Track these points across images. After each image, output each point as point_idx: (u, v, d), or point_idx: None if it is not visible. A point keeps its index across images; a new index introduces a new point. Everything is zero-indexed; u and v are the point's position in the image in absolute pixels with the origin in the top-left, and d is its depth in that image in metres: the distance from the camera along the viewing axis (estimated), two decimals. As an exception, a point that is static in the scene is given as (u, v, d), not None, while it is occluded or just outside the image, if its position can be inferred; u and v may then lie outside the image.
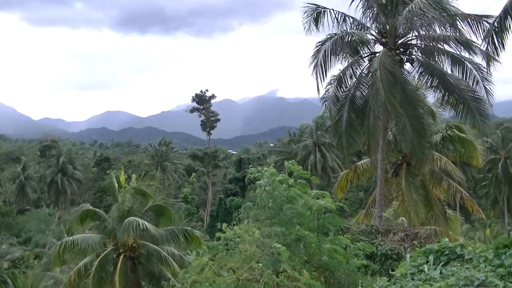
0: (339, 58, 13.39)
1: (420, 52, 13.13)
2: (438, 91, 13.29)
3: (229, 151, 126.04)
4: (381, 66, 12.02)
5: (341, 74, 13.36)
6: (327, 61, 13.30)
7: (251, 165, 9.73)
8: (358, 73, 13.11)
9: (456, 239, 13.08)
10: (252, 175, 7.63)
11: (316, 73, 13.15)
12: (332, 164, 38.28)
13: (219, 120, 57.96)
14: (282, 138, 55.02)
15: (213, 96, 57.57)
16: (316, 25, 12.83)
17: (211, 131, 58.34)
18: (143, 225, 12.24)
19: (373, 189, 18.56)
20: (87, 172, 58.07)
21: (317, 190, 8.45)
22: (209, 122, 56.75)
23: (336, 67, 13.56)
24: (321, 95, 13.64)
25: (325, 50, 13.12)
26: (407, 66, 13.37)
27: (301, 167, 7.92)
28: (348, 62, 13.64)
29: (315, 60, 13.22)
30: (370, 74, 12.52)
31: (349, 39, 12.96)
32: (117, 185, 13.98)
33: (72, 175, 52.18)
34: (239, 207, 7.74)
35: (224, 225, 7.05)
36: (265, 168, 7.55)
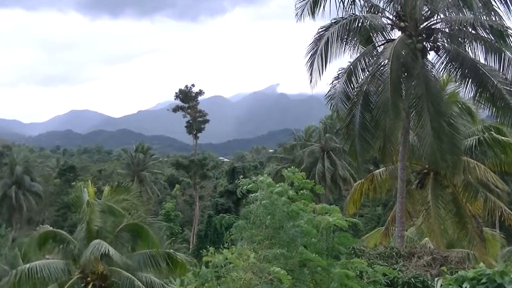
0: (345, 48, 13.51)
1: (447, 39, 13.21)
2: (470, 85, 13.40)
3: (220, 158, 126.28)
4: (393, 58, 12.14)
5: (351, 66, 13.47)
6: (329, 50, 13.44)
7: (244, 176, 9.74)
8: (372, 65, 13.19)
9: (495, 264, 13.10)
10: (245, 187, 7.64)
11: (314, 63, 13.26)
12: (343, 173, 38.35)
13: (208, 121, 57.91)
14: (284, 142, 55.10)
15: (200, 93, 57.58)
16: (313, 10, 12.88)
17: (199, 135, 58.27)
18: (106, 249, 12.15)
19: (393, 204, 18.61)
20: (47, 185, 57.70)
21: (326, 204, 8.47)
22: (196, 123, 56.68)
23: (341, 59, 13.73)
24: (320, 91, 13.77)
25: (328, 38, 13.23)
26: (431, 56, 13.48)
27: (303, 174, 7.95)
28: (358, 51, 13.75)
29: (315, 48, 13.31)
30: (380, 66, 12.62)
31: (359, 24, 13.07)
32: (84, 199, 13.94)
33: (29, 188, 51.71)
34: (231, 226, 7.75)
35: (212, 249, 7.03)
36: (260, 178, 7.55)
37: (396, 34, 13.57)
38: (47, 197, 55.82)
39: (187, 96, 56.06)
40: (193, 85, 56.64)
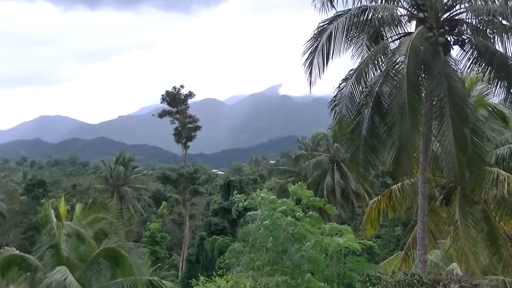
0: (352, 44, 13.53)
1: (473, 31, 13.23)
2: (500, 85, 13.41)
3: (214, 170, 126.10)
4: (411, 54, 12.15)
5: (361, 66, 13.45)
6: (332, 47, 13.39)
7: (241, 191, 9.70)
8: (386, 64, 13.21)
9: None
10: (241, 205, 7.61)
11: (313, 62, 13.26)
12: (356, 188, 38.22)
13: (199, 127, 57.90)
14: (287, 152, 55.17)
15: (191, 95, 57.63)
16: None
17: (189, 143, 58.15)
18: (64, 278, 12.01)
19: (414, 223, 18.54)
20: (12, 202, 57.48)
21: (336, 223, 8.44)
22: (186, 130, 56.63)
23: (345, 57, 13.74)
24: (330, 92, 13.76)
25: (331, 32, 13.23)
26: (455, 51, 13.51)
27: (311, 192, 7.92)
28: (365, 48, 13.75)
29: (315, 44, 13.34)
30: (395, 64, 12.64)
31: (369, 17, 13.08)
32: (55, 219, 13.84)
33: (-9, 207, 51.60)
34: (226, 249, 7.68)
35: (202, 279, 6.97)
36: (262, 195, 7.52)
37: (414, 26, 13.60)
38: (12, 217, 55.58)
39: (175, 99, 56.11)
40: (182, 86, 56.81)
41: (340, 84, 13.93)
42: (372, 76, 13.58)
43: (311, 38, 13.49)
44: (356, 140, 13.62)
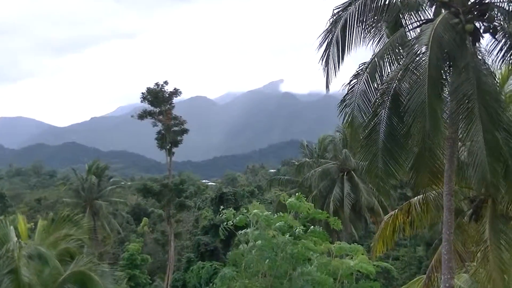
0: (368, 33, 13.52)
1: (506, 16, 13.22)
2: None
3: (204, 181, 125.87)
4: (433, 44, 12.11)
5: (375, 59, 13.36)
6: (347, 38, 13.25)
7: (236, 205, 9.66)
8: (405, 55, 13.18)
9: None
10: (231, 222, 7.60)
11: (328, 57, 13.21)
12: (369, 201, 38.21)
13: (186, 131, 57.79)
14: (290, 159, 55.21)
15: (176, 92, 57.56)
16: None
17: (174, 149, 58.09)
18: None
19: (439, 243, 18.51)
20: (-34, 219, 57.25)
21: (346, 242, 8.40)
22: (170, 134, 56.54)
23: (360, 50, 13.72)
24: (339, 89, 13.73)
25: (346, 20, 13.20)
26: (485, 40, 13.46)
27: (311, 205, 7.91)
28: (383, 38, 13.75)
29: (330, 36, 13.34)
30: (415, 56, 12.62)
31: (387, 1, 13.05)
32: (14, 239, 13.75)
33: None
34: (216, 275, 7.62)
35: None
36: (254, 210, 7.51)
37: (437, 12, 13.57)
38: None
39: (158, 98, 56.08)
40: (166, 83, 56.77)
41: (350, 81, 13.86)
42: (389, 70, 13.53)
43: (326, 28, 13.48)
44: (373, 146, 13.49)
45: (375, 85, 13.54)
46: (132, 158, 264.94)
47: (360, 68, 13.67)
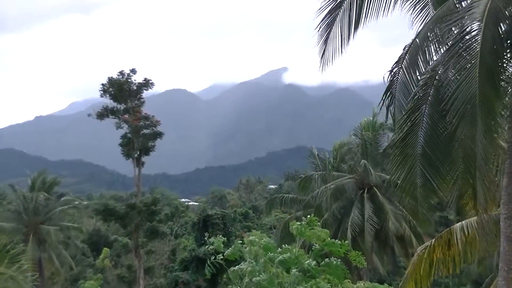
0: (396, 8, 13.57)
1: None
2: None
3: (183, 200, 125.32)
4: (488, 20, 12.03)
5: (416, 40, 13.53)
6: (365, 8, 13.45)
7: (225, 231, 9.56)
8: (452, 35, 13.14)
9: None
10: (221, 257, 7.54)
11: (332, 24, 13.21)
12: (398, 226, 38.19)
13: (161, 134, 57.78)
14: (295, 172, 55.30)
15: (148, 84, 57.42)
16: None
17: (144, 158, 58.01)
18: None
19: (491, 281, 18.45)
20: None
21: (369, 281, 8.37)
22: (140, 139, 56.47)
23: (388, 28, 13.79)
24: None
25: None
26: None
27: (327, 232, 7.87)
28: (430, 6, 13.73)
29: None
30: (464, 36, 12.56)
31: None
32: None
33: None
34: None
35: None
36: (250, 237, 7.46)
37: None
38: None
39: (123, 91, 55.97)
40: (133, 71, 56.64)
41: (393, 69, 13.86)
42: (434, 55, 13.52)
43: None
44: (408, 153, 13.45)
45: (418, 73, 13.54)
46: (89, 169, 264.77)
47: (402, 54, 13.69)
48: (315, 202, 39.00)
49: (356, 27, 13.73)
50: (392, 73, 13.85)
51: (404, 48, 13.86)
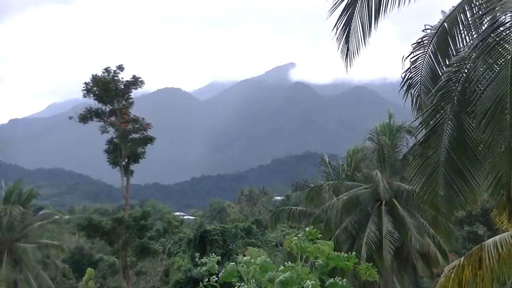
0: None
1: None
2: None
3: (177, 213, 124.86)
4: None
5: (444, 24, 13.58)
6: None
7: (224, 249, 9.60)
8: (483, 31, 13.11)
9: None
10: (214, 278, 7.60)
11: (352, 18, 13.35)
12: (422, 243, 38.05)
13: (152, 139, 57.82)
14: (303, 181, 55.23)
15: (137, 82, 57.50)
16: None
17: (133, 167, 58.04)
18: None
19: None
20: None
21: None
22: (128, 144, 56.55)
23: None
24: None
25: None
26: None
27: (331, 244, 7.93)
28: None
29: None
30: (494, 26, 12.52)
31: None
32: None
33: None
34: None
35: None
36: (244, 258, 7.50)
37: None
38: None
39: (109, 90, 56.06)
40: (120, 68, 56.74)
41: (415, 52, 13.91)
42: (463, 45, 13.48)
43: None
44: (431, 157, 13.41)
45: (445, 62, 13.52)
46: (70, 179, 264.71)
47: (428, 35, 13.64)
48: (326, 215, 38.80)
49: (377, 17, 13.73)
50: (415, 56, 13.81)
51: (425, 30, 13.85)
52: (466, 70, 13.10)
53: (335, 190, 40.88)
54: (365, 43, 13.96)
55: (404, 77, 14.05)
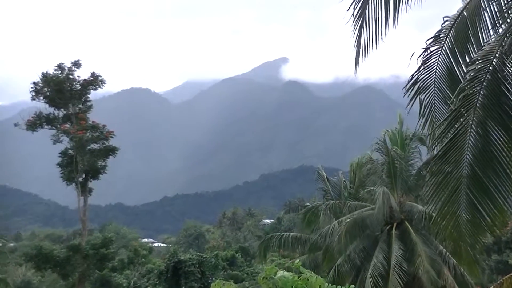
0: None
1: None
2: None
3: (146, 240, 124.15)
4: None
5: (464, 13, 13.81)
6: None
7: (197, 284, 9.61)
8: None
9: None
10: None
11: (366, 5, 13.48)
12: (435, 276, 38.24)
13: (115, 150, 57.83)
14: (298, 200, 55.42)
15: (97, 82, 57.68)
16: None
17: (92, 184, 57.99)
18: None
19: None
20: None
21: None
22: (86, 157, 56.51)
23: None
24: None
25: None
26: None
27: (322, 281, 7.89)
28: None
29: None
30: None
31: None
32: None
33: None
34: None
35: None
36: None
37: None
38: None
39: (63, 91, 56.13)
40: (77, 64, 56.80)
41: (429, 49, 13.96)
42: (488, 38, 13.57)
43: None
44: (452, 173, 13.41)
45: (467, 58, 13.59)
46: (16, 199, 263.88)
47: (445, 28, 13.71)
48: (325, 242, 38.70)
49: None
50: (430, 53, 13.89)
51: (444, 21, 13.94)
52: (492, 68, 13.14)
53: (335, 212, 40.87)
54: (382, 35, 14.00)
55: (411, 79, 14.11)
